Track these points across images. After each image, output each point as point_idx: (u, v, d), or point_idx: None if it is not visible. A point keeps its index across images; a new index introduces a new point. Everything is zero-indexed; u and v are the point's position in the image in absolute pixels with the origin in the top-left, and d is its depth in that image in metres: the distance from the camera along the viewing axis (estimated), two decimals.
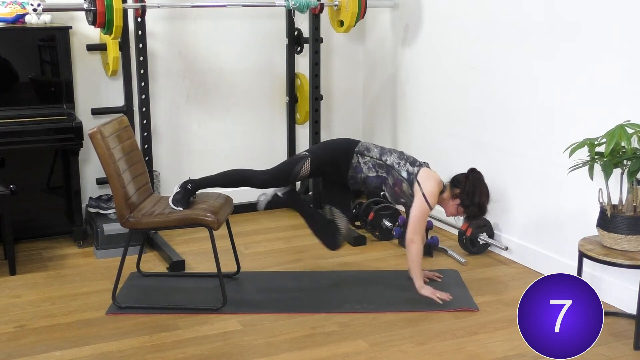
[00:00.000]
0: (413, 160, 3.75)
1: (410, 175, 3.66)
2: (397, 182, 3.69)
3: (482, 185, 3.71)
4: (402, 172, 3.67)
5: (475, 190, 3.68)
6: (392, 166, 3.69)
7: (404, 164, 3.70)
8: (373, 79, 5.67)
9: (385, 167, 3.71)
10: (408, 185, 3.67)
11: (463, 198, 3.69)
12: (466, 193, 3.68)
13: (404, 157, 3.75)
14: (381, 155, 3.74)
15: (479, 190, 3.69)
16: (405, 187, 3.68)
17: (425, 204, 3.63)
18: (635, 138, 3.23)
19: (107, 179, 3.56)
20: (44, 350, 3.27)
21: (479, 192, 3.68)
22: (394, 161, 3.71)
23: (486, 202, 3.73)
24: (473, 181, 3.69)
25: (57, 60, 4.43)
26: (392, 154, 3.76)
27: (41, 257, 4.41)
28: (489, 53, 4.43)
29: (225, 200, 3.84)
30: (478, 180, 3.71)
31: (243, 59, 5.32)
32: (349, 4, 4.77)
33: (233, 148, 5.40)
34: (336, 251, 4.06)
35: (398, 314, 3.62)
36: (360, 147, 3.78)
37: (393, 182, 3.70)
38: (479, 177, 3.72)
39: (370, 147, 3.79)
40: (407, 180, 3.67)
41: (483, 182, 3.73)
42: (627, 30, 3.54)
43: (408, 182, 3.67)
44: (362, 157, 3.75)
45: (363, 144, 3.81)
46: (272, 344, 3.33)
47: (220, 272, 3.67)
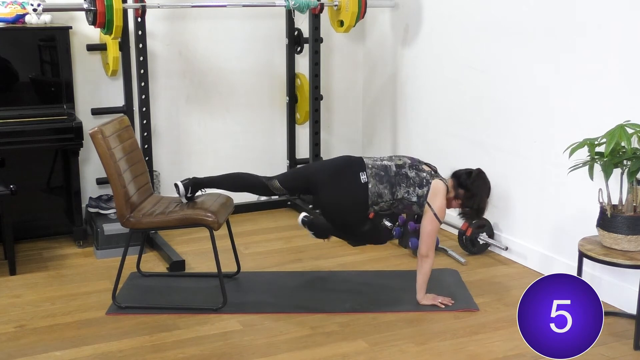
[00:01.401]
0: (420, 181, 3.64)
1: (420, 198, 3.63)
2: (408, 206, 3.70)
3: (485, 191, 3.69)
4: (412, 198, 3.65)
5: (479, 196, 3.66)
6: (402, 198, 3.67)
7: (413, 191, 3.64)
8: (373, 79, 5.67)
9: (397, 201, 3.69)
10: (418, 207, 3.66)
11: (465, 201, 3.68)
12: (468, 197, 3.66)
13: (411, 183, 3.64)
14: (393, 195, 3.64)
15: (480, 195, 3.66)
16: (415, 208, 3.68)
17: (436, 220, 3.61)
18: (635, 138, 3.24)
19: (108, 178, 3.56)
20: (44, 350, 3.27)
21: (480, 196, 3.66)
22: (404, 193, 3.65)
23: (485, 207, 3.72)
24: (478, 187, 3.66)
25: (57, 60, 4.43)
26: (400, 184, 3.63)
27: (41, 257, 4.41)
28: (489, 53, 4.43)
29: (226, 201, 3.84)
30: (483, 186, 3.68)
31: (243, 59, 5.33)
32: (349, 4, 4.77)
33: (233, 148, 5.40)
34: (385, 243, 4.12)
35: (398, 314, 3.62)
36: (372, 198, 3.61)
37: (403, 207, 3.72)
38: (484, 182, 3.69)
39: (382, 192, 3.61)
40: (417, 203, 3.65)
41: (488, 186, 3.70)
42: (627, 30, 3.54)
43: (418, 204, 3.65)
44: (377, 205, 3.68)
45: (373, 191, 3.60)
46: (272, 344, 3.33)
47: (220, 272, 3.67)
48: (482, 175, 3.70)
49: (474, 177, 3.67)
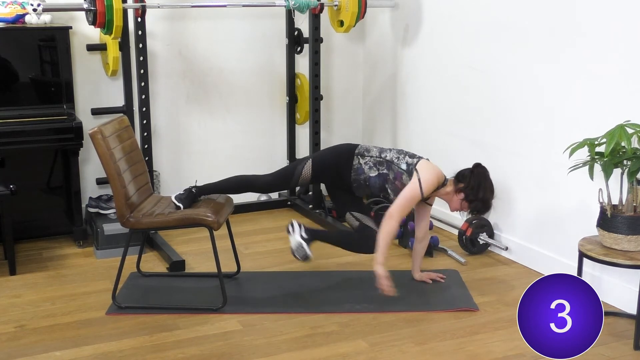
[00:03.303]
0: (412, 154, 3.77)
1: (410, 166, 3.66)
2: (398, 175, 3.69)
3: (486, 180, 3.71)
4: (402, 164, 3.68)
5: (479, 185, 3.67)
6: (391, 161, 3.70)
7: (403, 157, 3.72)
8: (373, 79, 5.67)
9: (385, 163, 3.72)
10: (407, 175, 3.66)
11: (467, 193, 3.68)
12: (470, 188, 3.68)
13: (403, 152, 3.77)
14: (380, 153, 3.77)
15: (483, 185, 3.68)
16: (405, 178, 3.67)
17: (417, 187, 3.61)
18: (635, 138, 3.23)
19: (108, 178, 3.56)
20: (44, 350, 3.27)
21: (483, 186, 3.67)
22: (393, 156, 3.73)
23: (491, 197, 3.72)
24: (477, 175, 3.69)
25: (57, 60, 4.43)
26: (391, 150, 3.80)
27: (41, 257, 4.41)
28: (489, 53, 4.43)
29: (226, 201, 3.84)
30: (483, 175, 3.70)
31: (243, 59, 5.33)
32: (349, 4, 4.77)
33: (233, 148, 5.40)
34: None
35: (398, 314, 3.62)
36: (360, 149, 3.81)
37: (394, 176, 3.70)
38: (484, 172, 3.72)
39: (370, 148, 3.82)
40: (406, 171, 3.67)
41: (488, 177, 3.73)
42: (627, 30, 3.54)
43: (407, 172, 3.66)
44: (363, 157, 3.76)
45: (362, 146, 3.85)
46: (272, 344, 3.33)
47: (220, 272, 3.67)
48: (482, 166, 3.75)
49: (473, 168, 3.73)
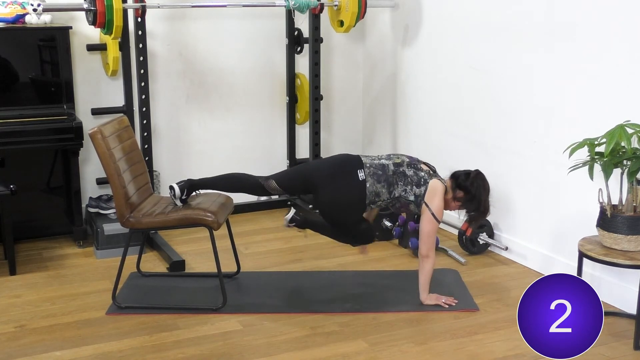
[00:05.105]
0: (418, 180, 3.63)
1: (418, 197, 3.62)
2: (404, 205, 3.68)
3: (485, 192, 3.67)
4: (410, 197, 3.64)
5: (479, 197, 3.65)
6: (400, 197, 3.65)
7: (410, 189, 3.63)
8: (373, 79, 5.67)
9: (395, 200, 3.68)
10: (415, 206, 3.65)
11: (467, 206, 3.68)
12: (469, 200, 3.65)
13: (409, 181, 3.63)
14: (390, 194, 3.64)
15: (482, 198, 3.66)
16: (413, 208, 3.67)
17: (434, 220, 3.60)
18: (635, 138, 3.24)
19: (108, 178, 3.56)
20: (44, 350, 3.27)
21: (481, 199, 3.65)
22: (401, 192, 3.63)
23: (488, 208, 3.71)
24: (477, 188, 3.65)
25: (57, 60, 4.43)
26: (398, 182, 3.63)
27: (41, 257, 4.41)
28: (488, 53, 4.43)
29: (225, 200, 3.84)
30: (482, 187, 3.66)
31: (243, 59, 5.33)
32: (349, 4, 4.77)
33: (233, 148, 5.40)
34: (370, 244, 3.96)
35: (398, 314, 3.62)
36: (370, 197, 3.60)
37: (400, 205, 3.70)
38: (483, 183, 3.67)
39: (379, 191, 3.60)
40: (414, 202, 3.64)
41: (486, 187, 3.68)
42: (626, 30, 3.54)
43: (416, 204, 3.64)
44: (374, 204, 3.67)
45: (370, 190, 3.58)
46: (272, 344, 3.33)
47: (220, 272, 3.67)
48: (481, 176, 3.69)
49: (472, 178, 3.66)
